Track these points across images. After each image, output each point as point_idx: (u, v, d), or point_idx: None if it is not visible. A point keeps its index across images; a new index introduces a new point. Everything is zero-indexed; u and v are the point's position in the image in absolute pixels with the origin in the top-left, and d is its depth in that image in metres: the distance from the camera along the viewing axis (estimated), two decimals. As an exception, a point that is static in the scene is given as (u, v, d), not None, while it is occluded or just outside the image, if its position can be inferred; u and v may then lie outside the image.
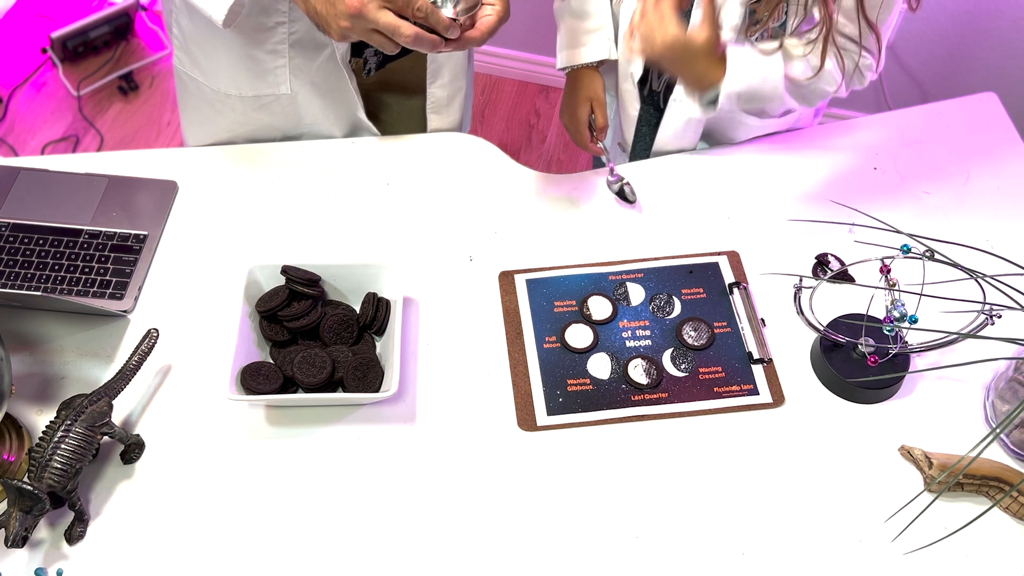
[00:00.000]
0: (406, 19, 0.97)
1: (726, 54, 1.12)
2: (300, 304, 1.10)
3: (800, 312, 1.13)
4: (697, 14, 1.07)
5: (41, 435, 0.94)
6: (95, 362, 1.11)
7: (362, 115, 1.33)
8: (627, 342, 1.14)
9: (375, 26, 0.96)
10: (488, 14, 1.03)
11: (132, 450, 1.03)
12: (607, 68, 1.39)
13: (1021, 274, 0.92)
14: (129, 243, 1.21)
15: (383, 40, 0.99)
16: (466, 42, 1.02)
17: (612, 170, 1.28)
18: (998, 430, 0.88)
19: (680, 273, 1.20)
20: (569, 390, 1.09)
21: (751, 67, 1.15)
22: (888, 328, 1.00)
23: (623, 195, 1.26)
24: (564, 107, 1.41)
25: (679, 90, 1.27)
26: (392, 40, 0.98)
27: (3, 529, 0.93)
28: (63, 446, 0.93)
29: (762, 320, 1.14)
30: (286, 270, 1.11)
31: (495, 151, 1.34)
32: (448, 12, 1.00)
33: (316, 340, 1.11)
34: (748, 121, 1.31)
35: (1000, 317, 0.99)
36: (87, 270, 1.19)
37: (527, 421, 1.07)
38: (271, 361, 1.09)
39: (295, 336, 1.11)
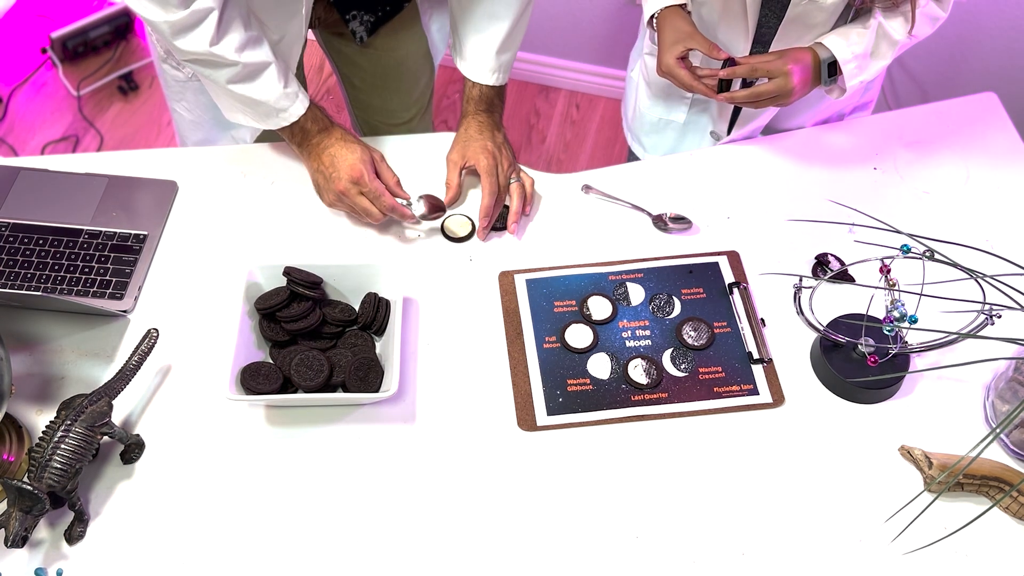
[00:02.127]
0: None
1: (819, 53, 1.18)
2: (300, 305, 1.10)
3: (800, 312, 1.13)
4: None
5: (41, 435, 0.94)
6: (95, 362, 1.11)
7: None
8: (627, 342, 1.14)
9: (355, 207, 1.20)
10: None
11: (132, 450, 1.03)
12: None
13: (1021, 274, 0.92)
14: (129, 243, 1.21)
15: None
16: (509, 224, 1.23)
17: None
18: (998, 430, 0.88)
19: (680, 273, 1.20)
20: (569, 390, 1.09)
21: (852, 38, 1.19)
22: (888, 328, 1.00)
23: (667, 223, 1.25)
24: (661, 58, 1.24)
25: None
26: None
27: (3, 529, 0.93)
28: (63, 446, 0.93)
29: (762, 320, 1.14)
30: (288, 271, 1.11)
31: (495, 151, 1.34)
32: (418, 211, 1.22)
33: (316, 340, 1.11)
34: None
35: (1000, 317, 0.99)
36: (87, 270, 1.19)
37: (527, 421, 1.07)
38: (271, 361, 1.08)
39: (294, 337, 1.11)
